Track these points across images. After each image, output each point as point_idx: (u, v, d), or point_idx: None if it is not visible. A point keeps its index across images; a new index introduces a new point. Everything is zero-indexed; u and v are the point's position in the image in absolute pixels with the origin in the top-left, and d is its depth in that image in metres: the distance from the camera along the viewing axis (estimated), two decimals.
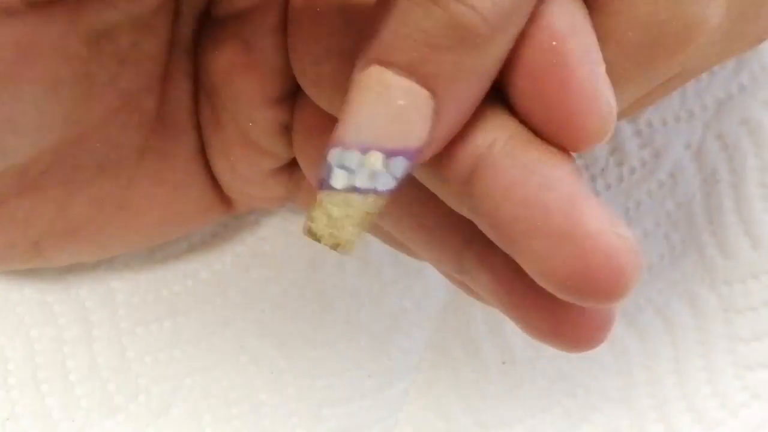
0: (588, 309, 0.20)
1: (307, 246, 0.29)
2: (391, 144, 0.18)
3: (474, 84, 0.19)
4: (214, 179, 0.26)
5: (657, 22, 0.20)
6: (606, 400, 0.30)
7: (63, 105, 0.22)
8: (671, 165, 0.31)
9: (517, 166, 0.19)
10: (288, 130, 0.24)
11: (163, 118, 0.25)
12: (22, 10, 0.19)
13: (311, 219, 0.19)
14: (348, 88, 0.19)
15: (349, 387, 0.29)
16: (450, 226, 0.22)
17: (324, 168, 0.19)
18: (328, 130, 0.23)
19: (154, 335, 0.29)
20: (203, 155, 0.26)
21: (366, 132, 0.18)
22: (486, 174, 0.19)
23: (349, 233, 0.19)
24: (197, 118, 0.26)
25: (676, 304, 0.30)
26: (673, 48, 0.20)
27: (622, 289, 0.18)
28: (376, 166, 0.18)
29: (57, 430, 0.28)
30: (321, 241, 0.19)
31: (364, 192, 0.19)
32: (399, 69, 0.18)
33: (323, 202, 0.19)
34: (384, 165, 0.18)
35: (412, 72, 0.18)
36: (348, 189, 0.19)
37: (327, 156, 0.18)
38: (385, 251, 0.29)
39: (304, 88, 0.22)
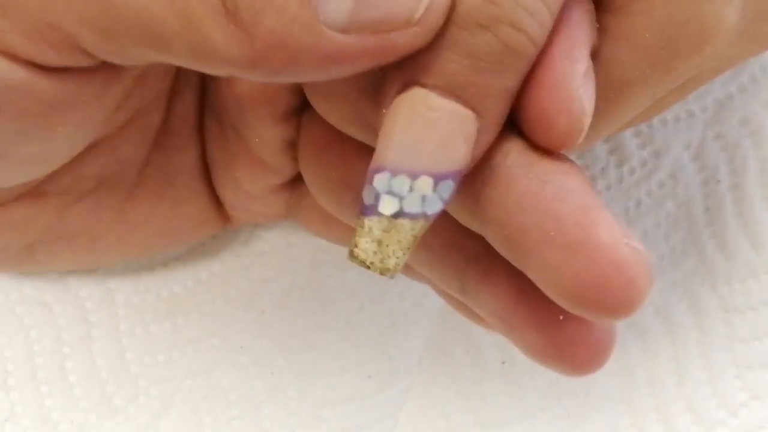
0: (589, 332, 0.20)
1: (307, 246, 0.29)
2: (441, 168, 0.18)
3: (509, 101, 0.19)
4: (213, 195, 0.27)
5: (674, 23, 0.20)
6: (606, 400, 0.30)
7: (89, 137, 0.22)
8: (671, 165, 0.31)
9: (531, 176, 0.19)
10: (293, 146, 0.24)
11: (167, 133, 0.25)
12: (63, 69, 0.19)
13: (357, 246, 0.19)
14: (388, 110, 0.18)
15: (349, 387, 0.29)
16: (453, 245, 0.22)
17: (369, 194, 0.19)
18: (334, 145, 0.23)
19: (153, 336, 0.29)
20: (205, 171, 0.26)
21: (416, 157, 0.18)
22: (499, 184, 0.19)
23: (398, 258, 0.19)
24: (201, 133, 0.26)
25: (676, 304, 0.30)
26: (690, 50, 0.20)
27: (633, 302, 0.18)
28: (426, 190, 0.18)
29: (56, 430, 0.28)
30: (369, 268, 0.19)
31: (413, 217, 0.19)
32: (444, 91, 0.18)
33: (372, 228, 0.19)
34: (433, 189, 0.18)
35: (458, 94, 0.18)
36: (397, 214, 0.19)
37: (372, 182, 0.18)
38: None
39: (314, 104, 0.22)
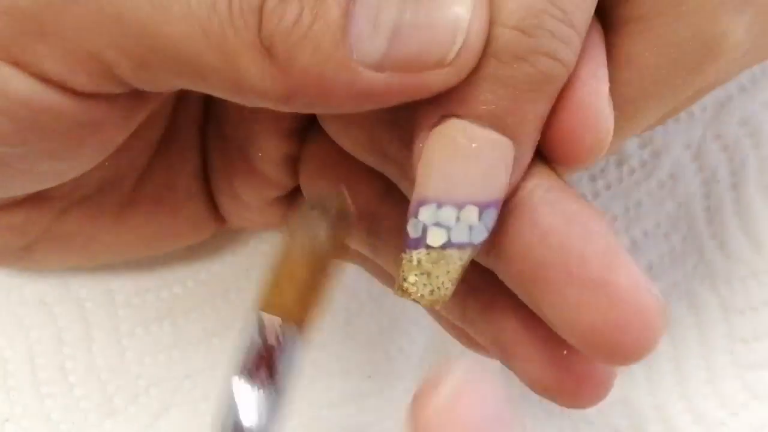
0: (592, 368, 0.20)
1: None
2: (485, 197, 0.18)
3: (542, 125, 0.19)
4: (212, 201, 0.27)
5: (675, 42, 0.20)
6: (606, 400, 0.30)
7: (107, 153, 0.22)
8: (671, 165, 0.31)
9: (557, 214, 0.19)
10: (294, 161, 0.25)
11: (170, 141, 0.25)
12: (95, 94, 0.19)
13: (407, 280, 0.19)
14: (425, 143, 0.19)
15: (349, 388, 0.29)
16: None
17: (416, 227, 0.19)
18: (338, 165, 0.23)
19: (153, 336, 0.29)
20: (204, 177, 0.26)
21: (460, 188, 0.18)
22: (524, 218, 0.19)
23: (446, 289, 0.19)
24: (203, 141, 0.26)
25: (676, 304, 0.30)
26: (693, 68, 0.20)
27: (646, 347, 0.19)
28: (472, 220, 0.18)
29: (56, 430, 0.28)
30: (419, 302, 0.19)
31: (461, 246, 0.19)
32: (483, 121, 0.18)
33: (421, 261, 0.19)
34: (479, 218, 0.18)
35: (496, 123, 0.18)
36: (445, 245, 0.19)
37: (418, 215, 0.19)
38: None
39: (327, 129, 0.23)
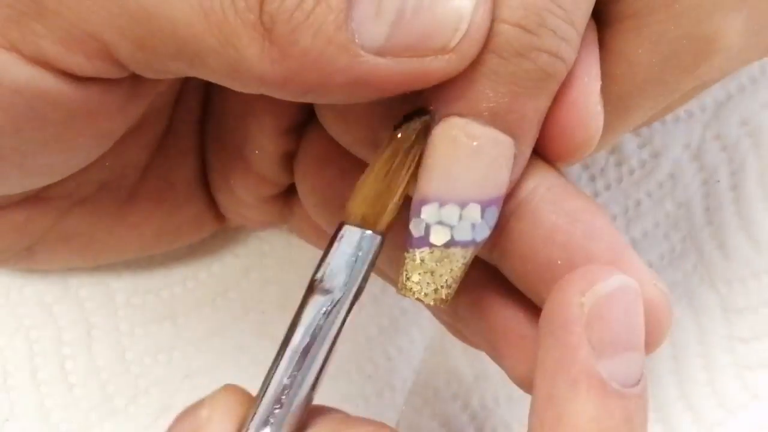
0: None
1: (307, 246, 0.29)
2: (487, 194, 0.18)
3: (541, 122, 0.19)
4: (211, 199, 0.27)
5: (668, 40, 0.20)
6: None
7: (104, 148, 0.22)
8: (671, 165, 0.31)
9: (560, 213, 0.19)
10: (290, 159, 0.25)
11: (170, 138, 0.25)
12: (92, 79, 0.19)
13: (410, 279, 0.19)
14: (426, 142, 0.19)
15: (349, 388, 0.29)
16: None
17: (418, 226, 0.19)
18: (335, 163, 0.23)
19: (153, 336, 0.29)
20: (203, 175, 0.26)
21: (463, 186, 0.18)
22: (528, 217, 0.19)
23: (449, 287, 0.19)
24: (202, 139, 0.26)
25: (676, 304, 0.30)
26: (687, 66, 0.21)
27: (656, 341, 0.19)
28: (475, 218, 0.18)
29: (56, 430, 0.28)
30: (424, 300, 0.19)
31: (464, 245, 0.19)
32: (484, 119, 0.18)
33: (424, 260, 0.19)
34: (481, 215, 0.19)
35: (497, 121, 0.18)
36: (448, 244, 0.19)
37: (421, 214, 0.19)
38: None
39: (326, 125, 0.23)
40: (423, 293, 0.19)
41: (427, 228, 0.19)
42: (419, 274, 0.19)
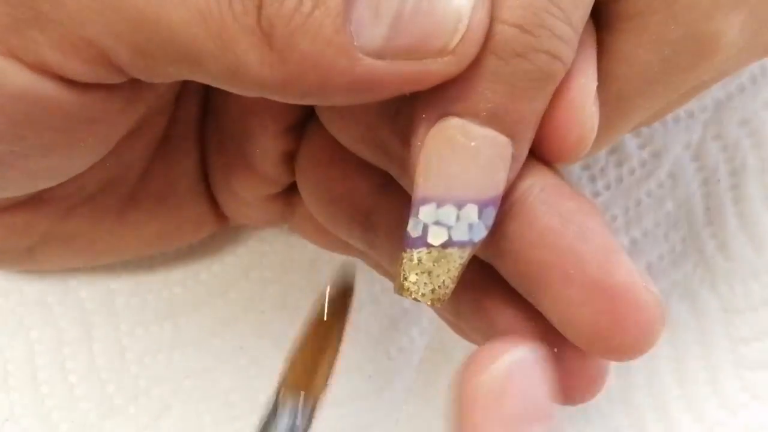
0: (584, 365, 0.20)
1: (307, 246, 0.29)
2: (485, 195, 0.18)
3: (538, 123, 0.19)
4: (212, 198, 0.27)
5: (668, 40, 0.20)
6: (606, 400, 0.30)
7: (105, 151, 0.22)
8: (671, 165, 0.31)
9: (554, 213, 0.19)
10: (291, 158, 0.25)
11: (170, 139, 0.25)
12: (92, 85, 0.19)
13: (407, 279, 0.19)
14: (423, 142, 0.19)
15: (349, 388, 0.29)
16: None
17: (416, 226, 0.19)
18: (336, 162, 0.23)
19: (153, 336, 0.29)
20: (204, 174, 0.26)
21: (460, 186, 0.18)
22: (521, 218, 0.19)
23: (446, 288, 0.19)
24: (202, 138, 0.26)
25: (676, 304, 0.30)
26: (686, 66, 0.21)
27: (647, 343, 0.19)
28: (472, 218, 0.18)
29: (56, 430, 0.28)
30: (421, 300, 0.19)
31: (462, 245, 0.19)
32: (481, 119, 0.18)
33: (422, 260, 0.19)
34: (478, 216, 0.19)
35: (494, 121, 0.18)
36: (445, 244, 0.19)
37: (418, 214, 0.19)
38: None
39: (326, 124, 0.23)
40: (420, 293, 0.19)
41: (425, 228, 0.19)
42: (416, 274, 0.19)
